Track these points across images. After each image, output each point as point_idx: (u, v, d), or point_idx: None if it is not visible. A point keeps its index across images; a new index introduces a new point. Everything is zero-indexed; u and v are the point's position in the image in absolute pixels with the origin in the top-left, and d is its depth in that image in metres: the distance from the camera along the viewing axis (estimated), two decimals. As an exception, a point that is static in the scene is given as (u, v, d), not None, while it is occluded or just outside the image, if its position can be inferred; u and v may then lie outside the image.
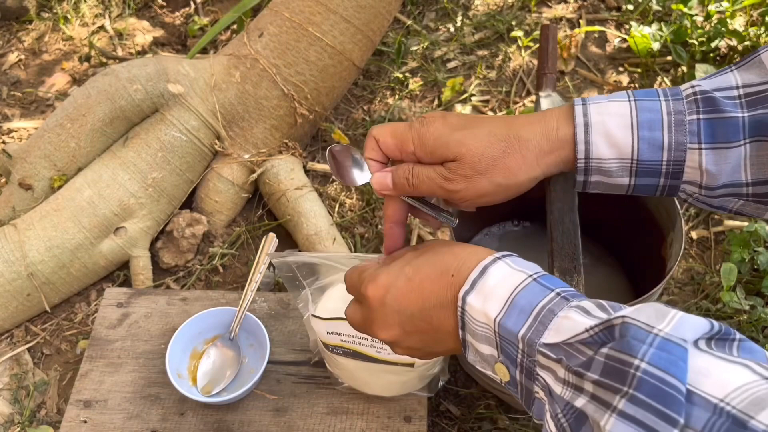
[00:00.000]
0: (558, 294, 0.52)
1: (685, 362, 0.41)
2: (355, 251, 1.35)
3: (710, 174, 0.60)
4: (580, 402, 0.45)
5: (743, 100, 0.60)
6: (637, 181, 0.63)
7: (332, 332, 0.88)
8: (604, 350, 0.44)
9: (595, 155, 0.62)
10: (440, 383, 1.02)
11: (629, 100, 0.62)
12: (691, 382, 0.40)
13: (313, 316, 0.88)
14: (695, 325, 0.43)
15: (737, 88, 0.60)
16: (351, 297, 0.66)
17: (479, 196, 0.62)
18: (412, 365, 0.89)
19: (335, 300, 0.90)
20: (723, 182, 0.61)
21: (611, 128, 0.61)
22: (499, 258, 0.57)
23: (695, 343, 0.43)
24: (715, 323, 0.44)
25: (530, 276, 0.54)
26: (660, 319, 0.44)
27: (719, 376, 0.40)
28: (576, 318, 0.49)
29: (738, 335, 0.44)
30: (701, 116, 0.60)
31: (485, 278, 0.55)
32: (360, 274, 0.64)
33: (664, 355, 0.41)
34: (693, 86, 0.61)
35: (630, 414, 0.41)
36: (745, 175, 0.60)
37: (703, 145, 0.60)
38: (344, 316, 0.67)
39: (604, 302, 0.51)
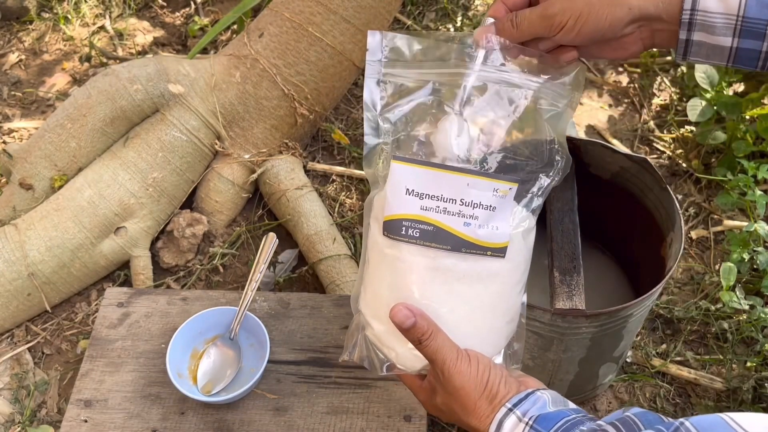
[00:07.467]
0: None
1: None
2: (355, 251, 1.35)
3: None
4: None
5: None
6: (741, 43, 0.64)
7: (413, 192, 0.67)
8: None
9: (701, 7, 0.64)
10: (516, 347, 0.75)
11: None
12: None
13: (396, 158, 0.69)
14: None
15: None
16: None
17: (577, 17, 0.66)
18: (503, 252, 0.68)
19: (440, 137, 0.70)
20: None
21: None
22: (511, 409, 0.63)
23: None
24: None
25: (527, 424, 0.61)
26: None
27: None
28: None
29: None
30: None
31: None
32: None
33: None
34: None
35: None
36: None
37: None
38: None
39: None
